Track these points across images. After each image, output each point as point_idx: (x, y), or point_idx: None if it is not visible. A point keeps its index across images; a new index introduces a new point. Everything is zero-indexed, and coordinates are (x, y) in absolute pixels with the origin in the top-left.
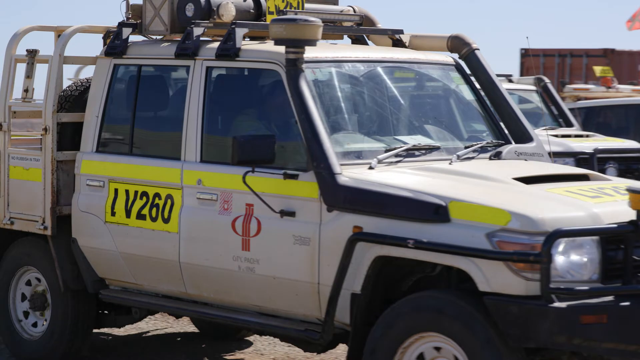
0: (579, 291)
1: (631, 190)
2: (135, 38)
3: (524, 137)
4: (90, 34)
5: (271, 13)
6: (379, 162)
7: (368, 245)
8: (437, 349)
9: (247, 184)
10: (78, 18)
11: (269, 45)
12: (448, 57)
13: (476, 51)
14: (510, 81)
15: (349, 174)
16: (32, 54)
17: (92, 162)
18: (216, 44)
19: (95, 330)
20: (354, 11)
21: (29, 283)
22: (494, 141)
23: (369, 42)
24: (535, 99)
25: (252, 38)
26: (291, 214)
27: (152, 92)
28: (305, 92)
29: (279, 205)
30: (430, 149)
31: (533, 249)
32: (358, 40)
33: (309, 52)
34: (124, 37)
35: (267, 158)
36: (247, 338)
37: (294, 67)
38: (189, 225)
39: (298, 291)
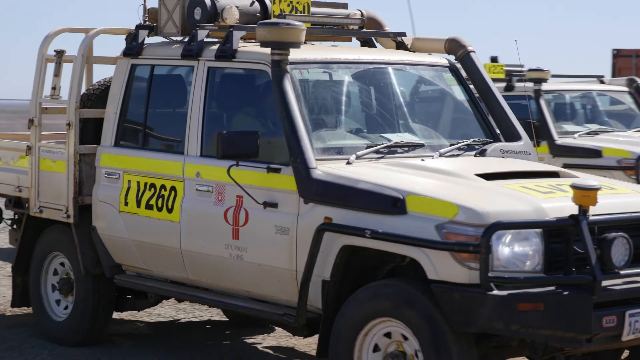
0: (515, 280)
1: (574, 187)
2: (154, 40)
3: (513, 135)
4: (116, 35)
5: (276, 16)
6: (358, 158)
7: (336, 235)
8: (401, 336)
9: (231, 176)
10: (109, 20)
11: (261, 47)
12: (442, 59)
13: (471, 53)
14: (602, 82)
15: (325, 169)
16: (59, 54)
17: (110, 155)
18: (217, 46)
19: (123, 317)
20: (362, 15)
21: (57, 268)
22: (481, 139)
23: (376, 44)
24: (628, 100)
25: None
26: (274, 205)
27: (162, 90)
28: (287, 91)
29: (262, 197)
30: (414, 147)
31: (476, 240)
32: (366, 42)
33: (298, 54)
34: (140, 38)
35: (250, 152)
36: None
37: (278, 67)
38: (188, 215)
39: (279, 278)
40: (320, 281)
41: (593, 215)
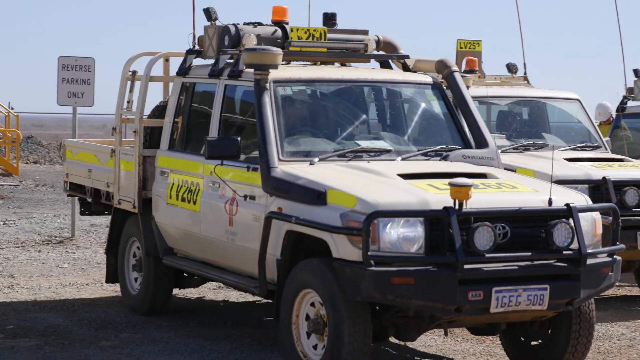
0: (393, 258)
1: (450, 184)
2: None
3: (482, 143)
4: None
5: (294, 43)
6: (321, 160)
7: (282, 222)
8: (319, 304)
9: (216, 173)
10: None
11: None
12: (428, 77)
13: (454, 73)
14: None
15: (285, 168)
16: (133, 74)
17: (163, 157)
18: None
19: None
20: (378, 40)
21: (135, 251)
22: (449, 146)
23: (393, 65)
24: (574, 110)
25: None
26: (253, 198)
27: (199, 103)
28: (264, 104)
29: (244, 191)
30: (381, 152)
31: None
32: (383, 64)
33: (283, 73)
34: (188, 62)
35: (232, 154)
36: None
37: (258, 85)
38: (205, 206)
39: (255, 257)
40: (275, 260)
41: (472, 208)
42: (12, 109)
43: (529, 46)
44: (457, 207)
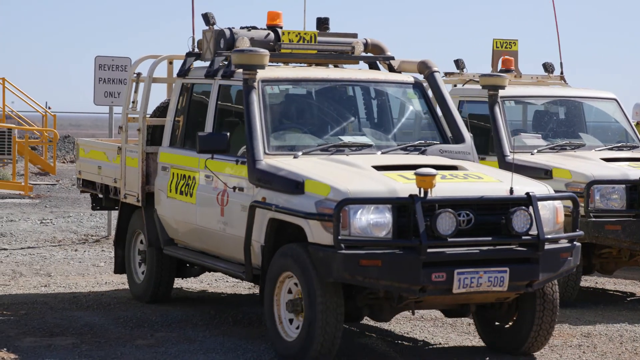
0: (359, 242)
1: (416, 174)
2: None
3: (459, 139)
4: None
5: (285, 46)
6: (304, 154)
7: (265, 211)
8: (295, 285)
9: (207, 166)
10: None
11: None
12: (410, 77)
13: (434, 73)
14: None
15: (270, 161)
16: (137, 75)
17: (164, 153)
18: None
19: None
20: (366, 42)
21: (140, 242)
22: (427, 141)
23: (380, 67)
24: (610, 109)
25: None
26: (242, 189)
27: (196, 102)
28: (251, 102)
29: (234, 183)
30: (362, 147)
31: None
32: (372, 65)
33: (271, 73)
34: (188, 64)
35: (221, 149)
36: None
37: (247, 84)
38: (200, 198)
39: (243, 245)
40: (260, 246)
41: (436, 196)
42: (50, 108)
43: (566, 45)
44: (422, 195)
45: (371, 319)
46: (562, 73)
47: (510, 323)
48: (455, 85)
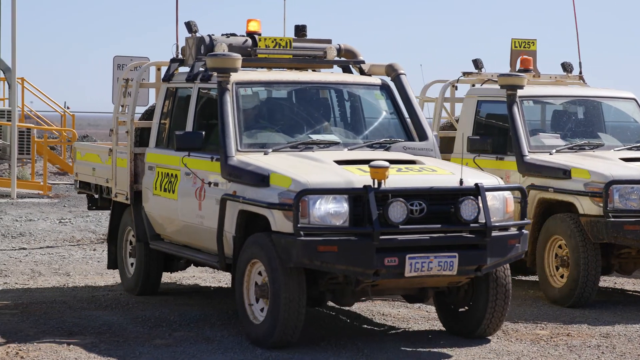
0: (318, 229)
1: (370, 166)
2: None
3: (422, 136)
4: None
5: (261, 51)
6: (274, 151)
7: (235, 203)
8: (263, 272)
9: (184, 163)
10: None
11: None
12: (377, 80)
13: (401, 76)
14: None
15: (241, 157)
16: (126, 81)
17: (150, 153)
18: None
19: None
20: (339, 48)
21: (131, 239)
22: (392, 139)
23: (353, 70)
24: (630, 109)
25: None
26: (216, 184)
27: (180, 105)
28: (225, 103)
29: (209, 178)
30: (329, 144)
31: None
32: (345, 69)
33: (245, 76)
34: (172, 69)
35: (196, 146)
36: None
37: (221, 86)
38: (181, 194)
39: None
40: (231, 237)
41: (389, 186)
42: (68, 108)
43: (585, 45)
44: (375, 185)
45: (335, 304)
46: (580, 73)
47: (465, 307)
48: (473, 85)
